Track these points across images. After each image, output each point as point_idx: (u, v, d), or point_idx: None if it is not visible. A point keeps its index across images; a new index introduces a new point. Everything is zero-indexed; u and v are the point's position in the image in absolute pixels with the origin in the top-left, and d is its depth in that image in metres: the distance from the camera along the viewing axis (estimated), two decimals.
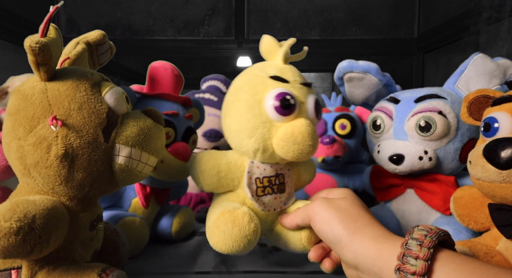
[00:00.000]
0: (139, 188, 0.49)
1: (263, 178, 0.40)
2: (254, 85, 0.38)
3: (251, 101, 0.37)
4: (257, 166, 0.40)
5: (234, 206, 0.38)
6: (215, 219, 0.37)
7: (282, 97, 0.36)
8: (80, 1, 1.26)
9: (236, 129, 0.38)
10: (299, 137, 0.35)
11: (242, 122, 0.37)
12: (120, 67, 1.62)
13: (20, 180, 0.32)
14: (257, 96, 0.37)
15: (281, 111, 0.36)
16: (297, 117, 0.37)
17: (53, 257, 0.30)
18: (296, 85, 0.38)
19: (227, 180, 0.40)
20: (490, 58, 0.43)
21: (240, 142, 0.38)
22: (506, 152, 0.29)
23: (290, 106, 0.36)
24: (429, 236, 0.27)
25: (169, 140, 0.48)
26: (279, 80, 0.38)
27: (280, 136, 0.36)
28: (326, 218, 0.34)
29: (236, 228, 0.35)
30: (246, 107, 0.37)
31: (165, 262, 0.45)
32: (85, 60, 0.37)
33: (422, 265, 0.25)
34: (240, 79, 0.40)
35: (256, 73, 0.39)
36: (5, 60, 0.98)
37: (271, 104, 0.36)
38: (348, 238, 0.32)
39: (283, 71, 0.39)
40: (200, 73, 0.93)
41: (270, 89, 0.37)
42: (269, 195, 0.40)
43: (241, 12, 1.27)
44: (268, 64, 0.40)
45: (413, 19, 1.27)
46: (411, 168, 0.44)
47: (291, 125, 0.36)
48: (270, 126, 0.37)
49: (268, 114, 0.37)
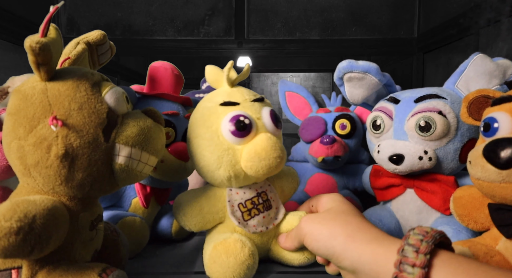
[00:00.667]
0: (139, 188, 0.49)
1: (246, 202, 0.40)
2: (207, 118, 0.38)
3: (208, 134, 0.38)
4: (236, 192, 0.40)
5: (225, 236, 0.39)
6: (209, 254, 0.37)
7: (235, 120, 0.36)
8: (80, 1, 1.26)
9: (203, 165, 0.39)
10: (263, 153, 0.36)
11: (206, 156, 0.38)
12: (120, 67, 1.62)
13: (21, 180, 0.32)
14: (212, 127, 0.38)
15: (239, 133, 0.37)
16: (256, 135, 0.38)
17: (53, 257, 0.30)
18: (247, 104, 0.39)
19: (211, 214, 0.41)
20: (490, 58, 0.43)
21: (211, 175, 0.39)
22: (506, 152, 0.29)
23: (246, 126, 0.37)
24: (425, 241, 0.26)
25: (169, 140, 0.48)
26: (229, 105, 0.38)
27: (245, 157, 0.37)
28: (315, 235, 0.34)
29: (231, 257, 0.36)
30: (206, 141, 0.38)
31: (165, 262, 0.45)
32: (85, 60, 0.37)
33: (419, 273, 0.25)
34: (193, 117, 0.41)
35: (206, 106, 0.39)
36: (5, 60, 0.98)
37: (227, 130, 0.37)
38: (341, 247, 0.31)
39: (231, 95, 0.39)
40: (200, 73, 0.93)
41: (222, 117, 0.37)
42: (257, 216, 0.40)
43: (241, 12, 1.27)
44: (216, 92, 0.41)
45: (413, 19, 1.27)
46: (411, 168, 0.44)
47: (252, 144, 0.37)
48: (234, 152, 0.37)
49: (228, 141, 0.37)
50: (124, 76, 1.66)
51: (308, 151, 0.65)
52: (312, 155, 0.64)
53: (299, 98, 0.74)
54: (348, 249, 0.31)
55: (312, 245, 0.35)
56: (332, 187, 0.67)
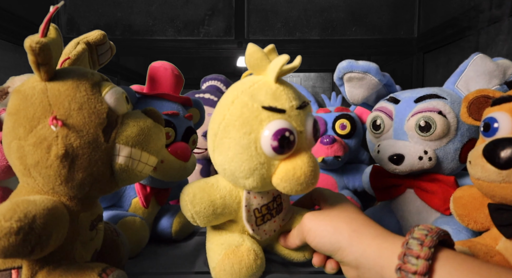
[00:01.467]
0: (139, 188, 0.49)
1: (262, 207, 0.38)
2: (246, 121, 0.32)
3: (245, 141, 0.32)
4: (254, 196, 0.37)
5: (236, 242, 0.37)
6: (220, 262, 0.36)
7: (280, 135, 0.31)
8: (80, 1, 1.26)
9: (229, 169, 0.34)
10: (302, 178, 0.32)
11: (237, 163, 0.33)
12: (120, 67, 1.62)
13: (20, 180, 0.32)
14: (252, 135, 0.32)
15: (281, 150, 0.32)
16: (297, 152, 0.33)
17: (53, 257, 0.30)
18: (293, 113, 0.33)
19: (224, 215, 0.38)
20: (490, 58, 0.43)
21: (235, 179, 0.35)
22: (506, 152, 0.29)
23: (290, 143, 0.32)
24: (430, 236, 0.27)
25: (169, 140, 0.48)
26: (274, 111, 0.32)
27: (281, 176, 0.32)
28: (319, 231, 0.34)
29: (243, 269, 0.35)
30: (240, 148, 0.32)
31: (165, 262, 0.45)
32: (85, 60, 0.37)
33: (423, 264, 0.25)
34: (229, 111, 0.34)
35: (246, 103, 0.33)
36: (5, 60, 0.98)
37: (268, 144, 0.32)
38: (346, 242, 0.32)
39: (276, 96, 0.33)
40: (200, 73, 0.93)
41: (265, 124, 0.32)
42: (269, 221, 0.39)
43: (241, 12, 1.27)
44: (258, 87, 0.34)
45: (413, 19, 1.27)
46: (411, 168, 0.44)
47: (292, 164, 0.32)
48: (269, 166, 0.33)
49: (266, 154, 0.32)
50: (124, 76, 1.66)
51: None
52: None
53: None
54: (353, 244, 0.31)
55: (315, 241, 0.35)
56: (332, 187, 0.67)
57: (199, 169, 0.77)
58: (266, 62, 0.34)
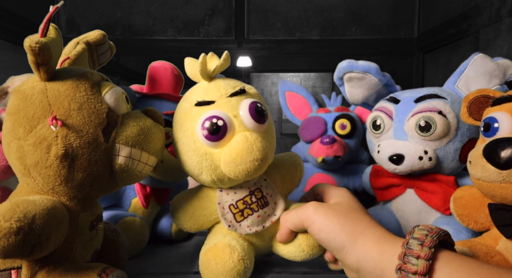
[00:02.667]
0: (139, 188, 0.49)
1: (237, 202, 0.38)
2: (183, 122, 0.36)
3: (185, 139, 0.36)
4: (227, 193, 0.38)
5: (216, 240, 0.38)
6: (201, 260, 0.37)
7: (209, 124, 0.34)
8: (80, 1, 1.26)
9: (187, 169, 0.37)
10: (238, 158, 0.33)
11: (187, 162, 0.36)
12: (120, 67, 1.62)
13: (20, 180, 0.32)
14: (188, 131, 0.35)
15: (212, 137, 0.33)
16: (234, 135, 0.34)
17: (53, 257, 0.30)
18: (222, 101, 0.35)
19: (205, 217, 0.40)
20: (490, 58, 0.43)
21: (197, 179, 0.38)
22: (506, 152, 0.29)
23: (220, 128, 0.33)
24: (430, 236, 0.27)
25: (169, 140, 0.48)
26: (204, 105, 0.35)
27: (223, 162, 0.34)
28: (325, 225, 0.34)
29: (219, 264, 0.35)
30: (184, 146, 0.36)
31: (165, 262, 0.45)
32: (85, 60, 0.37)
33: (423, 264, 0.25)
34: (174, 119, 0.38)
35: (183, 107, 0.37)
36: (5, 60, 0.98)
37: (201, 134, 0.34)
38: (351, 243, 0.31)
39: (207, 92, 0.36)
40: None
41: (197, 119, 0.35)
42: (250, 216, 0.38)
43: (241, 12, 1.27)
44: (193, 89, 0.38)
45: (413, 19, 1.27)
46: (411, 168, 0.44)
47: (228, 147, 0.34)
48: (212, 156, 0.35)
49: (204, 146, 0.35)
50: (124, 76, 1.66)
51: (308, 151, 0.65)
52: (312, 155, 0.64)
53: (299, 98, 0.74)
54: (357, 246, 0.31)
55: (320, 235, 0.34)
56: None
57: None
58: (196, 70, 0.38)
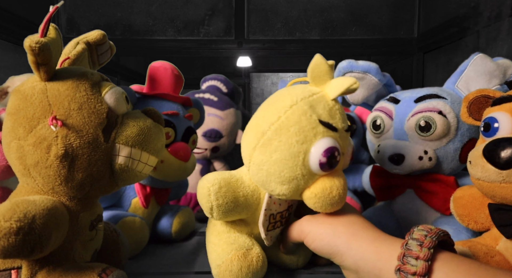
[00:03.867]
0: (139, 188, 0.49)
1: (277, 214, 0.38)
2: (302, 130, 0.32)
3: (295, 149, 0.32)
4: (274, 202, 0.37)
5: (246, 245, 0.37)
6: (228, 262, 0.35)
7: (330, 153, 0.31)
8: (80, 1, 1.26)
9: (268, 171, 0.33)
10: (336, 198, 0.32)
11: (279, 168, 0.32)
12: (120, 67, 1.62)
13: (20, 180, 0.32)
14: (304, 144, 0.32)
15: (326, 168, 0.32)
16: (335, 172, 0.33)
17: (53, 257, 0.30)
18: (342, 135, 0.34)
19: (242, 214, 0.38)
20: (490, 58, 0.43)
21: (268, 183, 0.34)
22: (506, 152, 0.29)
23: (336, 163, 0.32)
24: (429, 236, 0.27)
25: (169, 140, 0.48)
26: (329, 128, 0.32)
27: (316, 192, 0.32)
28: (318, 234, 0.34)
29: (250, 274, 0.35)
30: (289, 154, 0.32)
31: (165, 262, 0.45)
32: (85, 60, 0.37)
33: (422, 265, 0.25)
34: (285, 114, 0.33)
35: (305, 111, 0.32)
36: (5, 60, 0.98)
37: (317, 159, 0.31)
38: (345, 246, 0.32)
39: (332, 114, 0.33)
40: (200, 73, 0.93)
41: (319, 138, 0.32)
42: (278, 228, 0.39)
43: (241, 12, 1.27)
44: (317, 98, 0.33)
45: (413, 19, 1.27)
46: (411, 168, 0.44)
47: (330, 183, 0.32)
48: (308, 180, 0.33)
49: (310, 167, 0.32)
50: (124, 76, 1.66)
51: None
52: None
53: None
54: (352, 248, 0.31)
55: (314, 244, 0.35)
56: None
57: (199, 169, 0.77)
58: (329, 77, 0.34)
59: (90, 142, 0.30)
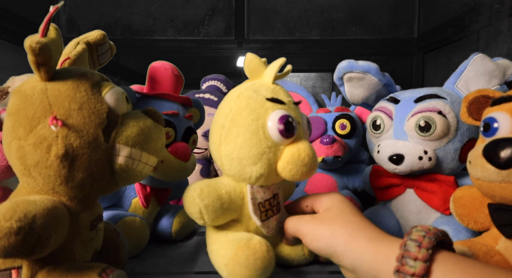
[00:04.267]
0: (139, 188, 0.49)
1: (265, 202, 0.39)
2: (253, 109, 0.36)
3: (254, 126, 0.35)
4: (257, 190, 0.39)
5: (246, 236, 0.37)
6: (233, 255, 0.35)
7: (285, 120, 0.35)
8: (80, 1, 1.26)
9: (238, 157, 0.36)
10: (306, 159, 0.35)
11: (246, 149, 0.35)
12: (120, 67, 1.62)
13: (21, 180, 0.32)
14: (259, 120, 0.35)
15: (286, 134, 0.35)
16: (298, 139, 0.37)
17: (53, 257, 0.30)
18: (291, 106, 0.38)
19: (230, 211, 0.39)
20: (490, 58, 0.43)
21: (242, 168, 0.36)
22: (506, 152, 0.29)
23: (293, 129, 0.35)
24: (428, 237, 0.27)
25: (169, 140, 0.48)
26: (276, 102, 0.36)
27: (288, 159, 0.35)
28: (316, 235, 0.35)
29: (258, 260, 0.35)
30: (249, 133, 0.35)
31: (165, 262, 0.45)
32: (85, 60, 0.37)
33: (421, 266, 0.25)
34: (235, 103, 0.37)
35: (251, 96, 0.37)
36: (5, 60, 0.98)
37: (275, 128, 0.35)
38: (342, 246, 0.32)
39: (276, 92, 0.38)
40: (200, 73, 0.93)
41: (270, 112, 0.36)
42: (271, 217, 0.40)
43: (241, 12, 1.27)
44: (258, 84, 0.38)
45: (413, 19, 1.27)
46: (411, 167, 0.44)
47: (296, 147, 0.35)
48: (276, 150, 0.36)
49: (272, 139, 0.35)
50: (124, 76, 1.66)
51: None
52: None
53: (299, 98, 0.74)
54: (349, 248, 0.31)
55: (312, 245, 0.35)
56: (332, 187, 0.67)
57: (199, 169, 0.77)
58: (263, 68, 0.39)
59: (91, 142, 0.30)
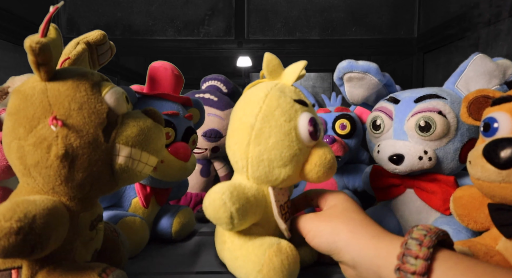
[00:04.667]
0: (139, 188, 0.49)
1: (284, 204, 0.39)
2: (285, 110, 0.35)
3: (286, 128, 0.35)
4: (278, 193, 0.38)
5: (274, 240, 0.36)
6: (268, 261, 0.34)
7: (314, 122, 0.36)
8: (80, 1, 1.26)
9: (268, 158, 0.35)
10: (332, 161, 0.36)
11: (279, 150, 0.35)
12: (120, 67, 1.62)
13: (21, 180, 0.32)
14: (292, 122, 0.35)
15: (315, 136, 0.36)
16: (319, 141, 0.37)
17: (53, 257, 0.30)
18: (312, 108, 0.38)
19: (255, 215, 0.37)
20: (490, 58, 0.43)
21: (271, 170, 0.36)
22: (506, 152, 0.29)
23: (319, 131, 0.37)
24: (429, 236, 0.27)
25: (169, 139, 0.48)
26: (302, 104, 0.37)
27: (316, 161, 0.36)
28: (318, 231, 0.35)
29: (291, 264, 0.35)
30: (282, 134, 0.35)
31: (165, 262, 0.45)
32: (85, 60, 0.37)
33: (422, 264, 0.25)
34: (264, 102, 0.36)
35: (279, 96, 0.36)
36: (5, 60, 0.98)
37: (306, 130, 0.35)
38: (344, 242, 0.32)
39: (298, 94, 0.38)
40: (200, 73, 0.93)
41: (300, 114, 0.36)
42: (288, 220, 0.39)
43: (241, 12, 1.27)
44: (281, 85, 0.38)
45: (413, 19, 1.27)
46: (411, 167, 0.44)
47: (323, 150, 0.36)
48: (304, 153, 0.36)
49: (303, 140, 0.36)
50: (124, 76, 1.66)
51: None
52: None
53: None
54: (351, 244, 0.31)
55: (314, 241, 0.35)
56: (332, 187, 0.67)
57: (199, 169, 0.77)
58: (281, 69, 0.39)
59: (91, 141, 0.30)
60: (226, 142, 0.40)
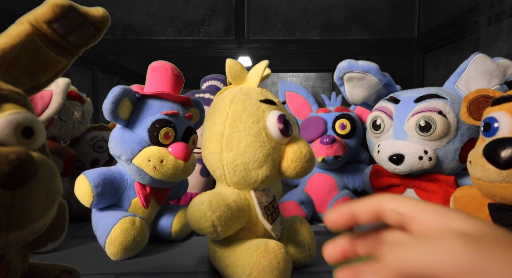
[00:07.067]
0: (139, 188, 0.49)
1: (269, 205, 0.39)
2: (251, 112, 0.36)
3: (255, 129, 0.35)
4: (261, 194, 0.38)
5: (262, 242, 0.36)
6: (256, 263, 0.34)
7: (283, 119, 0.36)
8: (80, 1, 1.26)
9: (242, 162, 0.36)
10: (308, 155, 0.36)
11: (252, 152, 0.35)
12: (120, 67, 1.62)
13: None
14: (259, 122, 0.36)
15: (286, 132, 0.36)
16: (293, 137, 0.37)
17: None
18: (281, 105, 0.39)
19: (239, 219, 0.38)
20: (490, 58, 0.43)
21: (248, 173, 0.36)
22: (506, 152, 0.29)
23: (290, 126, 0.37)
24: None
25: (169, 140, 0.48)
26: (269, 103, 0.37)
27: (291, 157, 0.36)
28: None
29: (280, 262, 0.35)
30: (252, 136, 0.35)
31: (165, 262, 0.45)
32: (36, 46, 0.27)
33: None
34: (230, 108, 0.36)
35: (244, 99, 0.37)
36: None
37: (276, 128, 0.35)
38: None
39: (265, 94, 0.38)
40: (200, 73, 0.93)
41: (267, 113, 0.36)
42: (276, 219, 0.39)
43: (241, 12, 1.27)
44: (246, 88, 0.39)
45: (413, 19, 1.27)
46: (411, 167, 0.44)
47: (297, 145, 0.36)
48: (278, 151, 0.36)
49: (274, 139, 0.36)
50: (124, 76, 1.66)
51: None
52: None
53: (299, 98, 0.74)
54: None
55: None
56: (332, 187, 0.67)
57: (199, 169, 0.77)
58: (245, 73, 0.40)
59: None
60: (202, 153, 0.40)
